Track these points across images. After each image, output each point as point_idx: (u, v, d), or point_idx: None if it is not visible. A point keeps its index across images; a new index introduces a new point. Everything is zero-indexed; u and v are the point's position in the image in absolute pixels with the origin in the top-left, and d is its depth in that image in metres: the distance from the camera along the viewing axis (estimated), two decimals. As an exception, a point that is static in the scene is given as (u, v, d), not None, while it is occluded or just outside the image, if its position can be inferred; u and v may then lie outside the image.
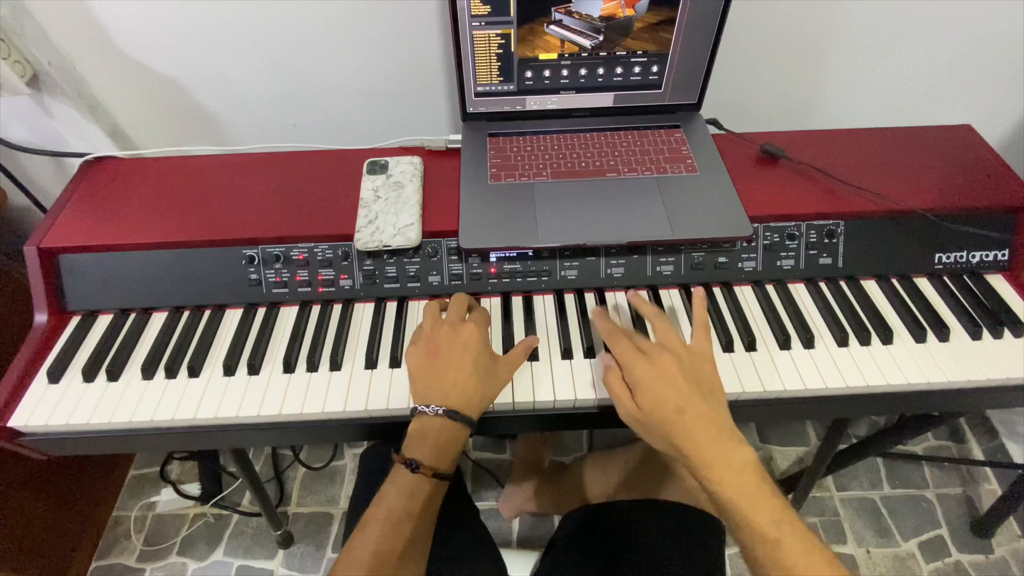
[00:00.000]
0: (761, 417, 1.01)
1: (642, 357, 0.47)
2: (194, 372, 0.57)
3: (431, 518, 0.47)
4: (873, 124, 0.73)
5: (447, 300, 0.55)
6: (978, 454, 1.18)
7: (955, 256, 0.63)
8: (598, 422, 0.56)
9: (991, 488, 1.12)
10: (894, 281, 0.63)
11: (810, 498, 1.08)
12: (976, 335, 0.58)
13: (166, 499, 1.11)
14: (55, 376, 0.57)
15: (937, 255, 0.63)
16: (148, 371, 0.57)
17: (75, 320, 0.62)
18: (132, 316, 0.62)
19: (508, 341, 0.58)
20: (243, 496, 1.15)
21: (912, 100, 0.83)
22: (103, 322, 0.62)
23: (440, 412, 0.47)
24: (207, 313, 0.62)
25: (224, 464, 1.15)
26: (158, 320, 0.62)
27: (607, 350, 0.52)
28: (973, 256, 0.63)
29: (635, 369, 0.47)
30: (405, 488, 0.45)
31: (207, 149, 0.73)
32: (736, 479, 0.42)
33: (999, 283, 0.63)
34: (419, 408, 0.48)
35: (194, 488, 1.12)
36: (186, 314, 0.62)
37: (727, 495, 0.42)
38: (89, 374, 0.57)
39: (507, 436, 1.21)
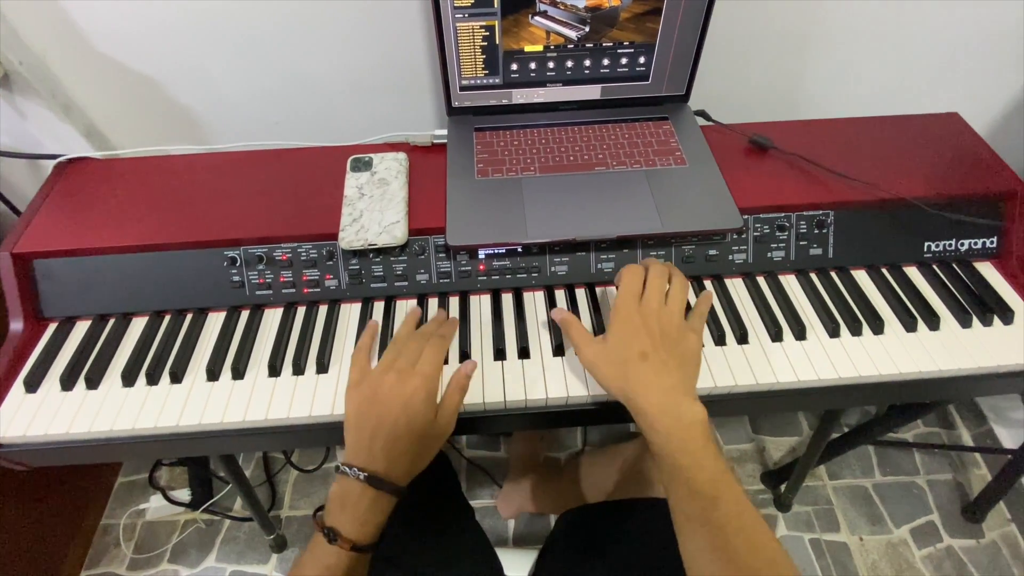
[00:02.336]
0: (754, 409, 1.01)
1: (637, 298, 0.49)
2: (176, 378, 0.55)
3: None
4: (861, 113, 0.72)
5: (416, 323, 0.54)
6: (967, 440, 1.19)
7: (944, 244, 0.63)
8: (591, 418, 0.56)
9: (981, 473, 1.13)
10: (884, 271, 0.63)
11: (803, 487, 1.08)
12: (966, 323, 0.58)
13: (155, 506, 1.09)
14: (32, 385, 0.55)
15: (926, 244, 0.63)
16: (128, 378, 0.55)
17: (52, 327, 0.60)
18: (111, 322, 0.60)
19: (499, 340, 0.57)
20: (234, 500, 1.13)
21: (899, 88, 0.83)
22: (81, 328, 0.60)
23: (362, 477, 0.44)
24: (189, 317, 0.60)
25: (215, 469, 1.14)
26: (138, 325, 0.60)
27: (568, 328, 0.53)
28: (962, 244, 0.63)
29: (626, 304, 0.48)
30: (322, 560, 0.43)
31: (187, 148, 0.72)
32: (683, 433, 0.43)
33: (988, 271, 0.63)
34: (342, 467, 0.45)
35: (184, 494, 1.10)
36: (167, 318, 0.60)
37: (671, 447, 0.43)
38: (67, 382, 0.55)
39: (501, 434, 1.21)
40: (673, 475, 0.43)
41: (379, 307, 0.61)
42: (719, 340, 0.57)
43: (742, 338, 0.57)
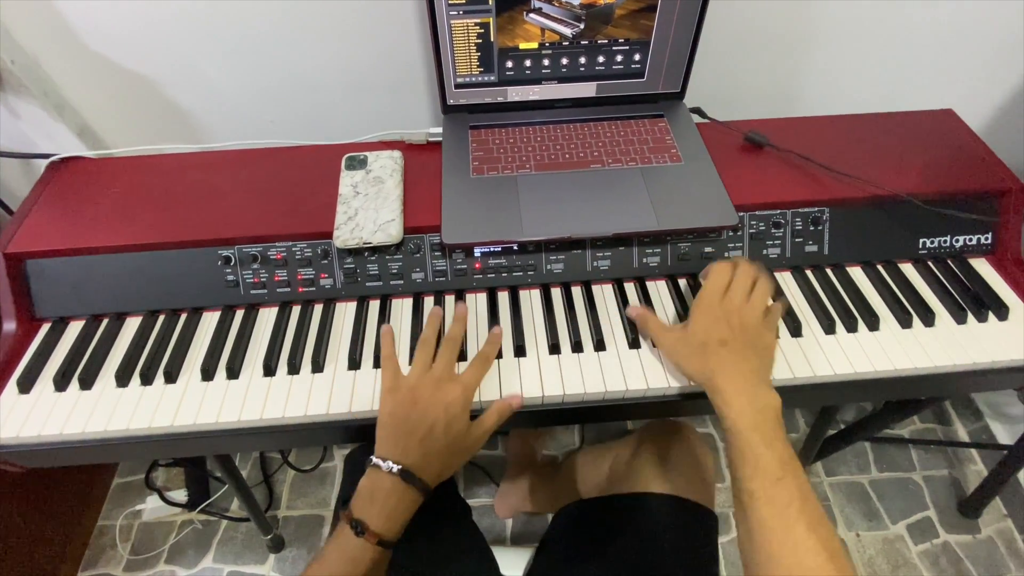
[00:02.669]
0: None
1: (721, 292, 0.52)
2: (171, 378, 0.55)
3: None
4: (856, 110, 0.73)
5: (446, 330, 0.54)
6: (963, 436, 1.19)
7: (939, 241, 0.63)
8: (587, 417, 0.56)
9: (977, 469, 1.14)
10: (879, 267, 0.63)
11: (800, 484, 1.08)
12: (961, 319, 0.58)
13: (152, 507, 1.08)
14: (25, 386, 0.55)
15: (921, 240, 0.63)
16: (122, 378, 0.55)
17: (45, 327, 0.59)
18: (105, 322, 0.60)
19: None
20: (231, 501, 1.13)
21: (894, 85, 0.83)
22: (74, 328, 0.59)
23: (395, 471, 0.45)
24: (183, 317, 0.60)
25: (211, 469, 1.13)
26: (132, 325, 0.60)
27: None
28: (957, 240, 0.63)
29: (710, 296, 0.52)
30: (347, 552, 0.44)
31: (180, 147, 0.71)
32: (757, 415, 0.45)
33: (983, 267, 0.63)
34: (374, 460, 0.46)
35: (181, 494, 1.10)
36: (161, 318, 0.60)
37: (744, 424, 0.44)
38: (61, 383, 0.55)
39: (499, 432, 1.21)
40: (742, 452, 0.44)
41: (375, 306, 0.61)
42: (715, 337, 0.57)
43: (738, 335, 0.57)
